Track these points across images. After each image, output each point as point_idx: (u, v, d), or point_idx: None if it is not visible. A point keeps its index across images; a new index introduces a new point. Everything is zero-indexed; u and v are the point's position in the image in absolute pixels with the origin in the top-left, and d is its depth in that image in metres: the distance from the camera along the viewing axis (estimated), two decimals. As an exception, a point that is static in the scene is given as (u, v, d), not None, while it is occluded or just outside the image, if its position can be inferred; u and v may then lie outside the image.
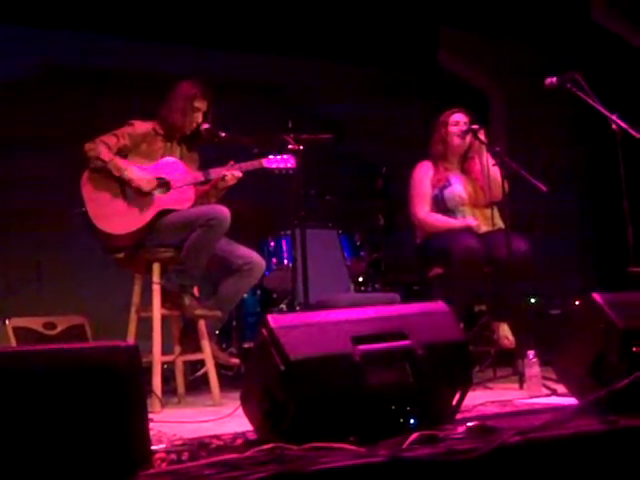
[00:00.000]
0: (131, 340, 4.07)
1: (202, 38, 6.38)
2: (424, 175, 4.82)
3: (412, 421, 2.39)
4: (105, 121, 4.31)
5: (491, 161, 4.56)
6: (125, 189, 4.12)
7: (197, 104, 4.34)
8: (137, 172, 4.13)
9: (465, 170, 4.85)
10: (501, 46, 7.43)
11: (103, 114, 5.72)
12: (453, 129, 4.80)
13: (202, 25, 6.28)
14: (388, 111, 7.31)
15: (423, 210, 4.77)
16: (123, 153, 4.20)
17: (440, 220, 4.71)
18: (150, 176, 4.15)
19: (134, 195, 4.12)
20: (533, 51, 7.32)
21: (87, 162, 4.10)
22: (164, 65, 6.25)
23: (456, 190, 4.74)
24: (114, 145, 4.16)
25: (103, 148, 4.11)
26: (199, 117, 4.35)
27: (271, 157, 4.31)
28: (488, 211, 4.64)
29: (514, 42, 7.37)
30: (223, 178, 4.27)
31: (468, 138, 4.77)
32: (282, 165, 4.31)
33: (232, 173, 4.27)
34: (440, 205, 4.75)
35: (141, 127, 4.30)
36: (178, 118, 4.32)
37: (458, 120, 4.81)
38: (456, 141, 4.80)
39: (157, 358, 4.01)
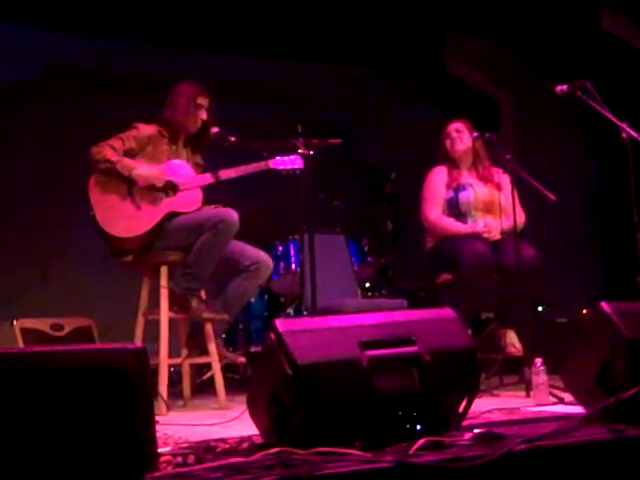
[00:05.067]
0: (138, 342, 4.08)
1: (209, 42, 6.38)
2: (438, 178, 4.85)
3: (419, 427, 2.39)
4: (107, 124, 4.32)
5: (500, 170, 4.59)
6: (132, 192, 4.12)
7: (200, 101, 4.34)
8: (147, 169, 4.13)
9: (482, 176, 4.85)
10: (510, 53, 7.44)
11: (105, 117, 5.72)
12: (453, 135, 4.85)
13: (209, 29, 6.28)
14: (397, 117, 7.31)
15: (434, 212, 4.78)
16: (129, 156, 4.21)
17: (450, 224, 4.72)
18: (159, 172, 4.15)
19: (141, 198, 4.12)
20: (543, 58, 7.31)
21: (95, 165, 4.10)
22: (169, 69, 6.26)
23: (471, 194, 4.75)
24: (120, 148, 4.16)
25: (109, 151, 4.12)
26: (203, 114, 4.35)
27: (278, 158, 4.31)
28: (501, 218, 4.63)
29: (523, 49, 7.36)
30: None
31: (477, 145, 4.80)
32: (289, 166, 4.31)
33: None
34: (454, 208, 4.75)
35: (146, 130, 4.30)
36: (182, 117, 4.32)
37: (455, 128, 4.86)
38: (457, 148, 4.83)
39: (164, 361, 4.01)
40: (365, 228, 5.88)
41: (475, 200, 4.74)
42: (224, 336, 5.10)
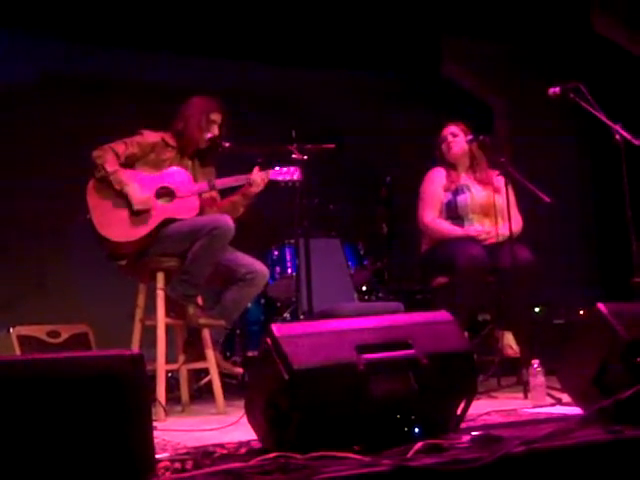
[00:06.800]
0: (135, 348, 4.08)
1: (205, 48, 6.40)
2: (435, 181, 4.85)
3: (417, 430, 2.39)
4: (105, 129, 4.32)
5: (495, 172, 4.59)
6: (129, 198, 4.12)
7: (213, 117, 4.35)
8: (136, 191, 4.10)
9: (480, 179, 4.85)
10: (504, 56, 7.44)
11: (103, 122, 5.73)
12: (449, 139, 4.86)
13: (205, 35, 6.30)
14: (392, 120, 7.32)
15: (430, 215, 4.78)
16: (131, 161, 4.21)
17: (445, 227, 4.72)
18: (148, 196, 4.13)
19: (138, 204, 4.12)
20: (537, 61, 7.32)
21: (93, 169, 4.11)
22: (167, 75, 6.27)
23: (469, 198, 4.75)
24: (122, 153, 4.17)
25: (110, 157, 4.12)
26: (215, 130, 4.36)
27: (277, 169, 4.31)
28: (498, 221, 4.62)
29: (517, 52, 7.37)
30: (251, 183, 4.27)
31: (473, 147, 4.81)
32: (288, 177, 4.30)
33: (261, 177, 4.27)
34: (452, 211, 4.76)
35: (150, 137, 4.31)
36: (195, 132, 4.33)
37: (451, 132, 4.86)
38: (454, 151, 4.84)
39: (161, 367, 4.01)
40: (361, 232, 5.88)
41: (472, 203, 4.74)
42: (221, 340, 5.10)
